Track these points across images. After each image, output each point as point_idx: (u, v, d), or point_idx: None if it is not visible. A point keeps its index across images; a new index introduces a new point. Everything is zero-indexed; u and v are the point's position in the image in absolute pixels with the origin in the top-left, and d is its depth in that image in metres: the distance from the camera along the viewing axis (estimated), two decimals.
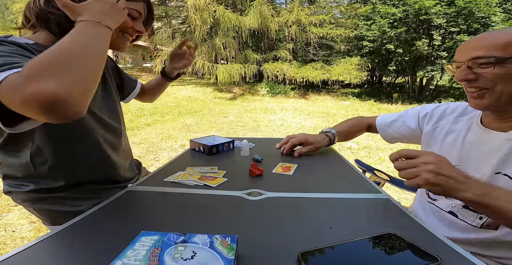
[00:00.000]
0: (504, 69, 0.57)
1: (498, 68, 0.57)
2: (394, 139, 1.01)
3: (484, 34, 0.61)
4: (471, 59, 0.60)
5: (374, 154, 3.73)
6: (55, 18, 0.59)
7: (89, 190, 0.74)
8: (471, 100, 0.65)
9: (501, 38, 0.58)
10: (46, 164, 0.66)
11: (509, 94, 0.59)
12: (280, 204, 0.59)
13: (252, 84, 11.87)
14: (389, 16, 9.94)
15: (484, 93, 0.61)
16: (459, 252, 0.41)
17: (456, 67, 0.65)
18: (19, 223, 1.96)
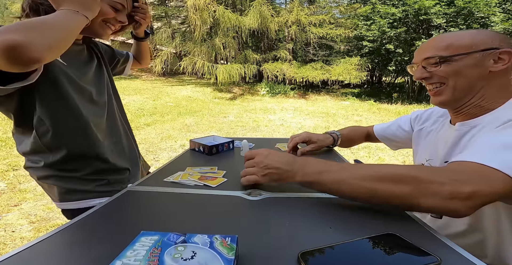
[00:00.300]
0: (450, 66, 0.65)
1: (445, 66, 0.65)
2: (394, 144, 1.08)
3: (433, 37, 0.70)
4: (423, 60, 0.68)
5: (374, 154, 3.73)
6: (44, 9, 0.67)
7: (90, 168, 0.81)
8: (432, 99, 0.72)
9: (445, 40, 0.66)
10: (48, 133, 0.73)
11: (461, 87, 0.65)
12: (280, 204, 0.59)
13: (252, 84, 11.88)
14: (389, 16, 9.95)
15: (442, 90, 0.68)
16: (459, 252, 0.41)
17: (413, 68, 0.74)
18: (18, 223, 1.96)
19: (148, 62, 1.21)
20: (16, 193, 2.43)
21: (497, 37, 0.63)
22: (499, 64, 0.62)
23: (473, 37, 0.64)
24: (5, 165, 3.09)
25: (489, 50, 0.62)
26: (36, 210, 2.15)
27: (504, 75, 0.64)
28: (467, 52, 0.63)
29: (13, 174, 2.88)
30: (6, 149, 3.67)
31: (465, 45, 0.63)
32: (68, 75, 0.73)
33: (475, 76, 0.63)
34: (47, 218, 2.04)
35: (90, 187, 0.80)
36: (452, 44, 0.64)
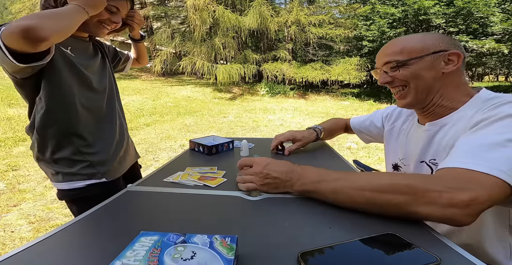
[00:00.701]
0: (408, 70, 0.67)
1: (403, 70, 0.68)
2: (367, 138, 1.12)
3: (390, 42, 0.72)
4: (383, 65, 0.71)
5: (374, 154, 3.74)
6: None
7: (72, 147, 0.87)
8: (398, 102, 0.75)
9: (396, 46, 0.69)
10: (42, 109, 0.80)
11: (422, 88, 0.68)
12: (279, 204, 0.59)
13: (252, 85, 11.87)
14: (388, 16, 9.96)
15: (405, 93, 0.71)
16: (459, 252, 0.41)
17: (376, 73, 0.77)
18: (18, 223, 1.96)
19: (146, 61, 1.32)
20: (15, 193, 2.43)
21: (444, 39, 0.67)
22: (450, 65, 0.65)
23: (423, 41, 0.67)
24: (4, 165, 3.09)
25: (439, 52, 0.65)
26: (36, 210, 2.15)
27: (456, 75, 0.67)
28: (420, 56, 0.66)
29: (13, 174, 2.88)
30: (5, 149, 3.67)
31: (416, 48, 0.66)
32: (73, 63, 0.83)
33: (431, 78, 0.67)
34: (46, 218, 2.04)
35: (74, 169, 0.86)
36: (405, 48, 0.67)
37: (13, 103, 6.02)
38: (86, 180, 0.88)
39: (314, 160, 0.95)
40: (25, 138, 4.14)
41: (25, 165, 3.13)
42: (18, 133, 4.33)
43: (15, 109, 5.60)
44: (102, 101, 0.95)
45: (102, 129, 0.94)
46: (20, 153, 3.55)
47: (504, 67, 13.13)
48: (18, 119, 5.02)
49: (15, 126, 4.63)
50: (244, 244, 0.42)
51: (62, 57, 0.81)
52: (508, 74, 15.47)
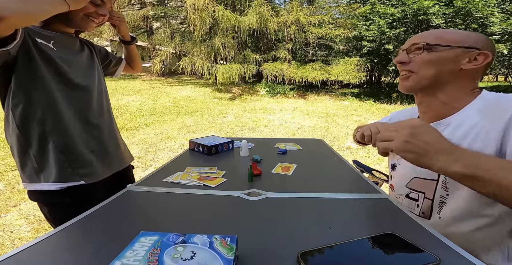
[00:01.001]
0: (430, 55, 0.67)
1: (426, 53, 0.68)
2: None
3: (427, 31, 0.72)
4: (410, 46, 0.71)
5: (373, 154, 3.74)
6: None
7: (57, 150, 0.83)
8: (399, 84, 0.75)
9: (436, 33, 0.69)
10: (21, 103, 0.77)
11: (428, 78, 0.68)
12: (279, 204, 0.59)
13: (251, 85, 11.87)
14: (388, 17, 9.96)
15: (409, 76, 0.71)
16: (458, 252, 0.41)
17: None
18: (17, 223, 1.96)
19: (139, 67, 1.28)
20: (14, 194, 2.42)
21: (484, 41, 0.66)
22: (471, 64, 0.65)
23: (466, 35, 0.67)
24: (3, 165, 3.08)
25: (471, 49, 0.65)
26: (35, 210, 2.15)
27: (472, 75, 0.67)
28: (451, 45, 0.66)
29: (12, 174, 2.87)
30: (4, 149, 3.66)
31: (454, 39, 0.66)
32: (51, 57, 0.80)
33: (446, 70, 0.66)
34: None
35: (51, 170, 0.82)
36: (442, 37, 0.67)
37: None
38: (63, 182, 0.83)
39: (314, 159, 0.95)
40: None
41: None
42: None
43: None
44: (87, 100, 0.91)
45: (86, 128, 0.90)
46: None
47: (504, 67, 13.15)
48: None
49: None
50: (244, 244, 0.42)
51: (40, 50, 0.77)
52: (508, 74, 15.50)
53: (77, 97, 0.88)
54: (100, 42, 12.29)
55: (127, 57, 1.22)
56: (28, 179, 0.83)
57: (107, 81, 1.05)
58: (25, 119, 0.79)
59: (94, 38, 11.58)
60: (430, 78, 0.68)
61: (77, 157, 0.86)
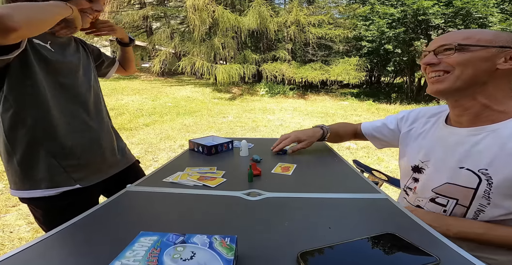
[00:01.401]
0: (463, 55, 0.65)
1: (458, 54, 0.65)
2: (380, 142, 1.07)
3: (455, 31, 0.70)
4: (438, 47, 0.68)
5: (373, 154, 3.74)
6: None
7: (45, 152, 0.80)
8: (429, 87, 0.72)
9: (466, 32, 0.67)
10: (11, 108, 0.75)
11: (464, 79, 0.65)
12: (279, 204, 0.59)
13: (251, 85, 11.87)
14: (388, 17, 9.96)
15: (443, 78, 0.68)
16: (458, 252, 0.41)
17: (425, 56, 0.73)
18: (17, 224, 1.95)
19: (133, 70, 1.26)
20: None
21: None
22: (508, 63, 0.63)
23: (496, 34, 0.65)
24: (3, 166, 3.08)
25: (506, 48, 0.63)
26: None
27: (507, 76, 0.64)
28: (485, 45, 0.63)
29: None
30: None
31: (485, 39, 0.64)
32: (48, 60, 0.79)
33: (481, 70, 0.64)
34: None
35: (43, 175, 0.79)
36: (473, 36, 0.65)
37: None
38: (57, 187, 0.81)
39: (313, 159, 0.95)
40: None
41: None
42: None
43: None
44: (84, 102, 0.89)
45: (82, 131, 0.87)
46: None
47: None
48: None
49: None
50: (243, 244, 0.42)
51: (36, 52, 0.76)
52: None
53: (73, 100, 0.85)
54: (100, 42, 12.28)
55: (122, 59, 1.19)
56: (15, 186, 0.81)
57: (107, 81, 1.06)
58: (15, 126, 0.76)
59: (94, 38, 11.57)
60: (467, 79, 0.65)
61: (71, 161, 0.83)
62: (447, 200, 0.70)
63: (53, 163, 0.81)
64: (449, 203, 0.69)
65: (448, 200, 0.69)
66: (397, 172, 1.76)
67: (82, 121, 0.88)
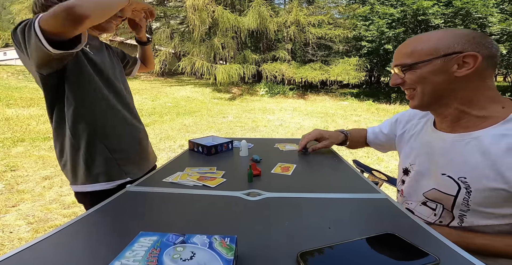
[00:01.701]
0: (414, 73, 0.64)
1: (409, 74, 0.65)
2: (380, 147, 1.06)
3: (407, 40, 0.68)
4: (394, 67, 0.68)
5: (373, 153, 3.74)
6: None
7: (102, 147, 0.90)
8: (410, 102, 0.72)
9: (408, 47, 0.66)
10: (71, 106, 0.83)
11: (429, 92, 0.65)
12: (279, 204, 0.59)
13: (251, 85, 11.87)
14: (388, 17, 9.98)
15: (414, 95, 0.68)
16: (458, 252, 0.41)
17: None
18: (16, 224, 1.95)
19: (153, 65, 1.34)
20: (14, 194, 2.42)
21: (463, 39, 0.60)
22: (463, 69, 0.60)
23: (437, 42, 0.62)
24: (3, 166, 3.07)
25: (451, 55, 0.60)
26: (34, 210, 2.14)
27: (476, 78, 0.61)
28: (428, 59, 0.61)
29: (11, 174, 2.87)
30: (3, 150, 3.66)
31: (426, 51, 0.62)
32: (93, 60, 0.87)
33: (440, 82, 0.62)
34: (45, 218, 2.03)
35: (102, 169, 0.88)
36: (415, 51, 0.63)
37: (12, 103, 6.00)
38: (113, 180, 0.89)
39: (313, 159, 0.95)
40: (24, 138, 4.13)
41: (23, 166, 3.12)
42: (16, 133, 4.32)
43: (14, 110, 5.58)
44: (121, 100, 0.97)
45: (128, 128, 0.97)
46: (19, 153, 3.53)
47: (503, 68, 13.16)
48: (17, 120, 5.01)
49: (13, 127, 4.61)
50: (243, 244, 0.42)
51: (84, 54, 0.83)
52: (506, 74, 15.55)
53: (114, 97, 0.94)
54: None
55: (143, 57, 1.28)
56: (80, 181, 0.88)
57: None
58: (77, 121, 0.84)
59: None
60: (431, 93, 0.64)
61: (123, 155, 0.93)
62: (435, 204, 0.70)
63: (109, 157, 0.90)
64: (437, 207, 0.70)
65: (437, 205, 0.70)
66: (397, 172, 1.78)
67: (127, 119, 0.97)
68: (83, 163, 0.86)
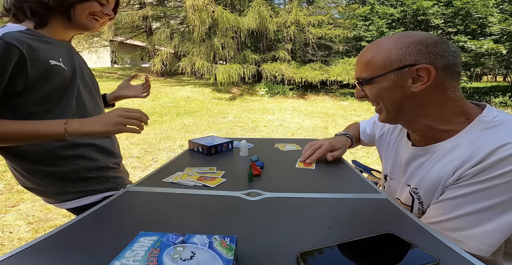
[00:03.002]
0: (372, 88, 0.60)
1: (367, 88, 0.61)
2: (369, 145, 1.06)
3: (363, 50, 0.63)
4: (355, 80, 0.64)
5: (373, 154, 3.74)
6: (28, 5, 0.71)
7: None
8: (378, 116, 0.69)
9: (363, 58, 0.60)
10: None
11: (391, 108, 0.61)
12: (279, 204, 0.59)
13: (251, 85, 11.87)
14: (387, 17, 9.98)
15: (379, 110, 0.65)
16: (458, 252, 0.41)
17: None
18: (16, 224, 1.95)
19: None
20: (13, 194, 2.42)
21: (415, 49, 0.55)
22: (418, 83, 0.55)
23: (388, 53, 0.56)
24: (2, 166, 3.07)
25: (403, 68, 0.55)
26: (34, 210, 2.14)
27: (435, 92, 0.56)
28: (382, 74, 0.57)
29: (11, 174, 2.86)
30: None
31: (379, 64, 0.57)
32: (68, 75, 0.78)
33: (398, 98, 0.58)
34: (45, 218, 2.03)
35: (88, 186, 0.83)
36: (369, 64, 0.59)
37: None
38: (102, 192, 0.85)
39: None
40: None
41: None
42: None
43: None
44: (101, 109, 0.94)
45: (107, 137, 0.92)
46: None
47: (503, 68, 13.16)
48: None
49: None
50: (243, 244, 0.42)
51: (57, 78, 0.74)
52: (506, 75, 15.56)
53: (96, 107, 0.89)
54: (99, 42, 12.27)
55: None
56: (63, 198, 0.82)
57: (107, 81, 1.06)
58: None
59: (94, 38, 11.57)
60: (391, 109, 0.61)
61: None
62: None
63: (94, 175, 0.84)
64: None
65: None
66: None
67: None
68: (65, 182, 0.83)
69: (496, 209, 0.51)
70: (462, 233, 0.53)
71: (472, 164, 0.53)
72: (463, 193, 0.54)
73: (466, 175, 0.53)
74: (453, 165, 0.56)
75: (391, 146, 0.81)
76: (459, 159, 0.55)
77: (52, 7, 0.72)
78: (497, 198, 0.50)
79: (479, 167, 0.52)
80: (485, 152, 0.51)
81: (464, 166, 0.54)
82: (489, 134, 0.54)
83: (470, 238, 0.52)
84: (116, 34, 11.60)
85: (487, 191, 0.51)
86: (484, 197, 0.52)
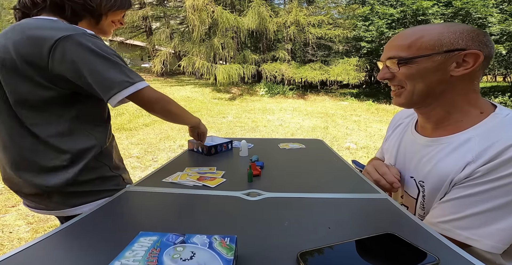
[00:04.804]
0: (409, 69, 0.59)
1: (404, 68, 0.59)
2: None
3: (399, 33, 0.63)
4: (387, 59, 0.62)
5: (373, 154, 3.74)
6: (70, 5, 0.72)
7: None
8: (393, 100, 0.68)
9: (407, 38, 0.59)
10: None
11: (418, 93, 0.61)
12: (278, 204, 0.59)
13: (251, 85, 11.87)
14: (387, 17, 9.98)
15: (401, 92, 0.63)
16: (458, 252, 0.41)
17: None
18: (16, 224, 1.95)
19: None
20: (13, 194, 2.41)
21: (467, 35, 0.56)
22: (461, 68, 0.56)
23: (439, 36, 0.56)
24: None
25: (453, 51, 0.55)
26: None
27: (467, 79, 0.58)
28: (428, 54, 0.56)
29: None
30: None
31: (427, 45, 0.57)
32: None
33: (434, 81, 0.58)
34: (44, 219, 2.03)
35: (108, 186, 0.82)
36: (414, 44, 0.58)
37: None
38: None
39: (313, 159, 0.95)
40: None
41: None
42: None
43: None
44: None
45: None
46: None
47: (502, 68, 13.17)
48: None
49: None
50: (243, 244, 0.42)
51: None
52: (506, 75, 15.57)
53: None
54: None
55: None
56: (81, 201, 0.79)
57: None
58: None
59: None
60: (420, 93, 0.60)
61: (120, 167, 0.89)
62: (406, 208, 0.72)
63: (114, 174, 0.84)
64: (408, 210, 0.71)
65: (407, 208, 0.72)
66: None
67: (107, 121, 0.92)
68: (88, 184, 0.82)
69: (510, 207, 0.51)
70: (476, 231, 0.53)
71: (485, 161, 0.53)
72: (476, 191, 0.53)
73: (478, 172, 0.53)
74: (464, 159, 0.56)
75: (395, 139, 0.81)
76: (472, 153, 0.55)
77: (91, 10, 0.75)
78: (510, 196, 0.51)
79: (492, 164, 0.52)
80: (499, 149, 0.52)
81: (476, 161, 0.54)
82: (504, 131, 0.54)
83: (484, 236, 0.52)
84: (116, 34, 11.60)
85: (501, 189, 0.51)
86: (498, 195, 0.51)
